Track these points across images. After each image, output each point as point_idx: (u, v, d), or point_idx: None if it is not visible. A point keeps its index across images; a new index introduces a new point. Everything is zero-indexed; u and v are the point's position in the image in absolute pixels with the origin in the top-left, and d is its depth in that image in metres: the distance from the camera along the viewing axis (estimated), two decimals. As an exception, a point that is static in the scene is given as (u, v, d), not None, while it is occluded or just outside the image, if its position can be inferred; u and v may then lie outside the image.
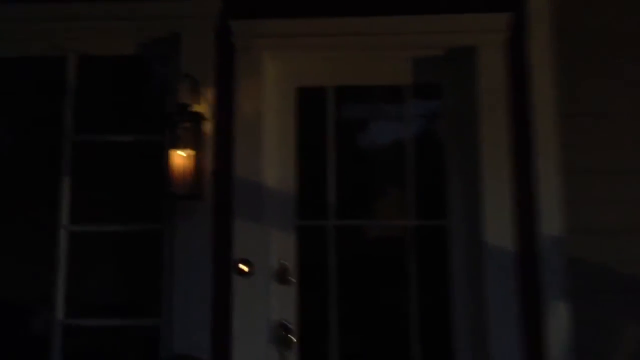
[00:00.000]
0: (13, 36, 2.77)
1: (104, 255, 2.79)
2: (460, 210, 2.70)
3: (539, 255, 2.53)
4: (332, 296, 2.68)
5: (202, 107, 2.62)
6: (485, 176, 2.59)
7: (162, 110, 2.68)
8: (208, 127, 2.64)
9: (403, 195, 2.75)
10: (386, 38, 2.71)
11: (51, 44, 2.76)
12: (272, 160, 2.71)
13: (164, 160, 2.51)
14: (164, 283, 2.62)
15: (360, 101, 2.90)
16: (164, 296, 2.61)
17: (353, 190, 2.79)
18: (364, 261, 2.77)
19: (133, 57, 2.80)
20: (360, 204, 2.80)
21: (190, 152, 2.50)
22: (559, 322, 2.49)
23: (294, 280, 2.67)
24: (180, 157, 2.49)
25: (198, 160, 2.53)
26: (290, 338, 2.62)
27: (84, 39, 2.77)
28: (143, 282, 2.76)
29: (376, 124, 2.93)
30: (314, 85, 2.81)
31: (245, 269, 2.58)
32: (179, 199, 2.54)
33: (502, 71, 2.64)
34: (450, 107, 2.79)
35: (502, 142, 2.60)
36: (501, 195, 2.57)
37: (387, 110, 2.91)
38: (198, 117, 2.55)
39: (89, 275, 2.76)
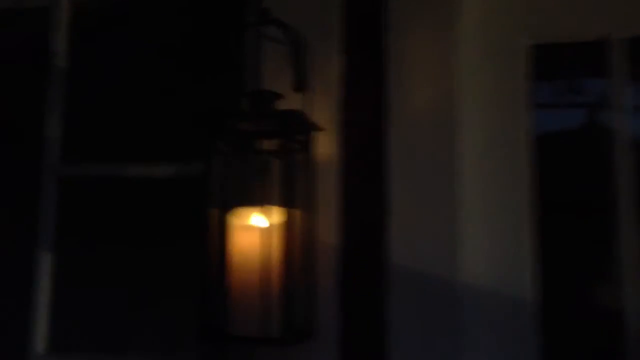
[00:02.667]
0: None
1: None
2: None
3: None
4: None
5: (311, 101, 1.08)
6: None
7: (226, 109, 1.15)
8: (325, 147, 1.10)
9: None
10: None
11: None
12: (478, 220, 1.11)
13: (205, 240, 0.97)
14: None
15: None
16: None
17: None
18: None
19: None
20: None
21: (281, 217, 0.96)
22: None
23: None
24: (253, 232, 0.95)
25: (302, 233, 0.98)
26: None
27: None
28: None
29: None
30: (574, 38, 1.17)
31: None
32: (249, 344, 1.00)
33: None
34: None
35: None
36: None
37: None
38: (298, 126, 1.01)
39: None
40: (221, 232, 0.96)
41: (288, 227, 0.94)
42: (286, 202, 0.94)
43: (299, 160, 0.99)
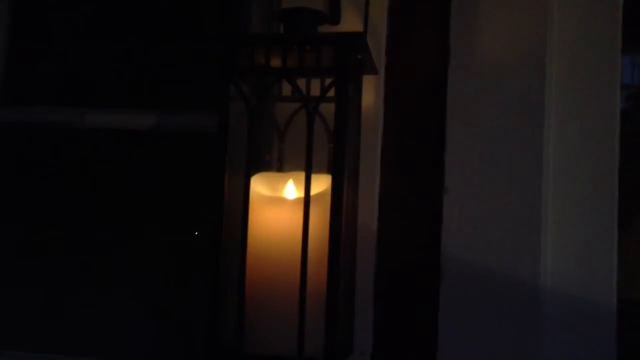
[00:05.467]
0: None
1: None
2: None
3: None
4: None
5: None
6: None
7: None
8: (368, 98, 0.82)
9: None
10: None
11: None
12: (563, 207, 0.86)
13: (218, 219, 0.68)
14: None
15: None
16: None
17: None
18: None
19: None
20: None
21: (325, 188, 0.68)
22: None
23: None
24: (287, 208, 0.67)
25: (347, 213, 0.71)
26: None
27: None
28: None
29: None
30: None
31: None
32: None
33: None
34: None
35: None
36: None
37: None
38: (358, 61, 0.72)
39: None
40: (237, 207, 0.67)
41: (335, 202, 0.66)
42: (335, 166, 0.66)
43: (353, 109, 0.71)
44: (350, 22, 0.84)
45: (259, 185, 0.69)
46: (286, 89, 0.74)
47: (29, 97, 1.00)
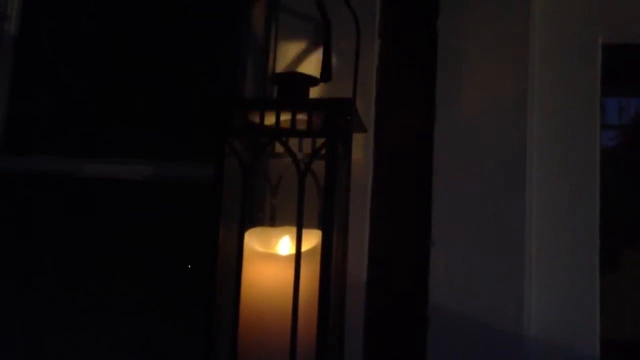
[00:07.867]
0: None
1: None
2: None
3: None
4: None
5: (336, 95, 0.84)
6: None
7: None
8: (357, 153, 0.86)
9: None
10: None
11: None
12: (548, 257, 0.90)
13: (212, 274, 0.70)
14: None
15: None
16: None
17: None
18: None
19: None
20: None
21: (316, 243, 0.71)
22: None
23: None
24: (280, 263, 0.70)
25: (337, 266, 0.73)
26: None
27: None
28: None
29: None
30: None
31: None
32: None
33: None
34: None
35: None
36: None
37: None
38: (347, 123, 0.75)
39: None
40: (230, 261, 0.70)
41: (325, 259, 0.69)
42: (325, 222, 0.69)
43: (342, 166, 0.74)
44: (341, 80, 0.88)
45: (252, 241, 0.72)
46: (279, 145, 0.77)
47: (28, 147, 1.03)
